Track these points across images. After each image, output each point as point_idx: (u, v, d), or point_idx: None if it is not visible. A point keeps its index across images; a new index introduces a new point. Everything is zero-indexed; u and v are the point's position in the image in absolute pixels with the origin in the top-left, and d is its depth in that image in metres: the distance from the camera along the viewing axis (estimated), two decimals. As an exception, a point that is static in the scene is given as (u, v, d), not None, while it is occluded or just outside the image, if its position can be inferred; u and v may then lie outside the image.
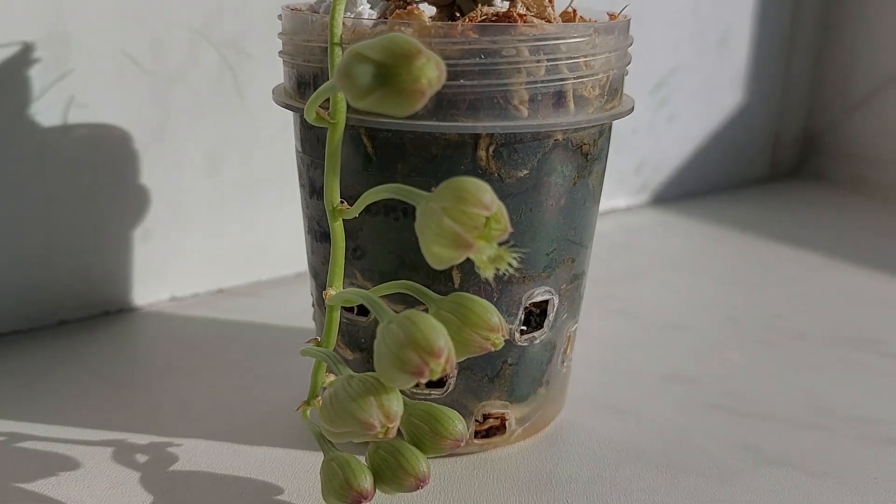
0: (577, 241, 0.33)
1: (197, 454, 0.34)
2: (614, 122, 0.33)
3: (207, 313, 0.46)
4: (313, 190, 0.33)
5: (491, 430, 0.34)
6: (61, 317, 0.44)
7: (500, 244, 0.25)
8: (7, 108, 0.41)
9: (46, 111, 0.42)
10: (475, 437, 0.34)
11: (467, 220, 0.24)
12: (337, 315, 0.30)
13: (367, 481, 0.28)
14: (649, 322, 0.47)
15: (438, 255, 0.25)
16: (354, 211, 0.29)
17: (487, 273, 0.25)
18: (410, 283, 0.29)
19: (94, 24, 0.42)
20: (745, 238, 0.60)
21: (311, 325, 0.38)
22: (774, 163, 0.74)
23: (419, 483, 0.28)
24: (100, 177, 0.44)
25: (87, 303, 0.45)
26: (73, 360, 0.41)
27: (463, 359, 0.28)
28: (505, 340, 0.32)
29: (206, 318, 0.46)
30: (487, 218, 0.25)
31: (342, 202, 0.29)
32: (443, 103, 0.29)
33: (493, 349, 0.27)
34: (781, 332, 0.46)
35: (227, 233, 0.48)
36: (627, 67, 0.33)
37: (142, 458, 0.34)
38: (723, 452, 0.35)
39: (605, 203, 0.64)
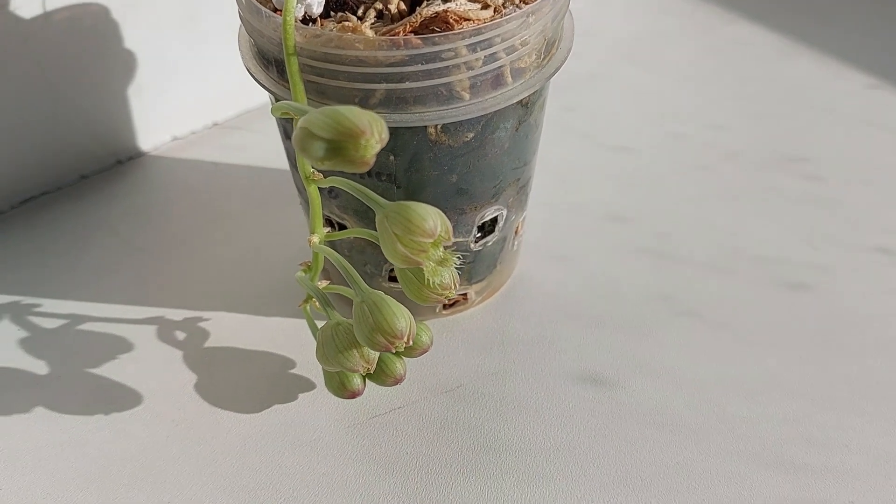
0: (521, 166, 0.38)
1: (223, 328, 0.42)
2: None
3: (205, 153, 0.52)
4: (286, 135, 0.37)
5: (455, 303, 0.42)
6: (81, 172, 0.50)
7: (446, 248, 0.31)
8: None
9: (26, 5, 0.44)
10: (444, 308, 0.42)
11: (415, 246, 0.30)
12: (321, 257, 0.37)
13: (357, 383, 0.37)
14: (600, 143, 0.52)
15: (397, 264, 0.31)
16: (325, 183, 0.34)
17: (434, 276, 0.31)
18: (366, 232, 0.35)
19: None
20: (720, 14, 0.61)
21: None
22: None
23: (396, 381, 0.37)
24: (87, 49, 0.47)
25: (100, 156, 0.50)
26: (100, 221, 0.48)
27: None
28: (462, 248, 0.39)
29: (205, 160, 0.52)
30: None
31: (314, 171, 0.34)
32: (393, 99, 0.32)
33: (446, 301, 0.34)
34: (718, 152, 0.51)
35: (212, 73, 0.52)
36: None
37: (180, 335, 0.42)
38: (642, 304, 0.43)
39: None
